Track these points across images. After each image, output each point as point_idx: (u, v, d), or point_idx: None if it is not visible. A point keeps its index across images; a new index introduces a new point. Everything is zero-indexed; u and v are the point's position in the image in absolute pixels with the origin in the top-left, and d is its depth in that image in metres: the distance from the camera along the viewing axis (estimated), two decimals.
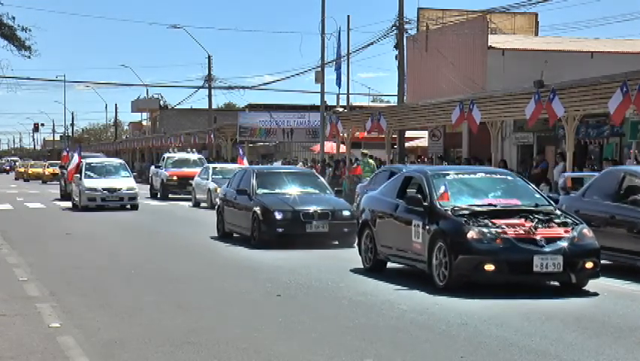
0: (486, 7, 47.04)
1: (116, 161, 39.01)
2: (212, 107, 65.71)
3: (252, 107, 71.89)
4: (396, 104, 41.84)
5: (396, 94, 40.90)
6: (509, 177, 15.20)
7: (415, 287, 13.54)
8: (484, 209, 13.57)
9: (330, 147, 48.07)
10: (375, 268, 15.56)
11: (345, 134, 41.09)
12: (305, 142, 57.54)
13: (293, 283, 14.38)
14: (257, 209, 20.12)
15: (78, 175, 34.64)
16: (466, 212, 13.48)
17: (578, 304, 12.35)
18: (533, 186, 15.33)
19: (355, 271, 15.75)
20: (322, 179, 23.34)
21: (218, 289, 13.88)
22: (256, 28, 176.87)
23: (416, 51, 40.92)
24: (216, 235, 22.69)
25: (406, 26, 39.52)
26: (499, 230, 12.98)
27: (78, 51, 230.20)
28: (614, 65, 28.99)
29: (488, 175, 15.23)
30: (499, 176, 15.29)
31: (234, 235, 22.03)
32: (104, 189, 33.44)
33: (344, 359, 9.04)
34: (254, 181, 21.29)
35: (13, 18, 37.21)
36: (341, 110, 48.63)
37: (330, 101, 56.37)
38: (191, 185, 39.60)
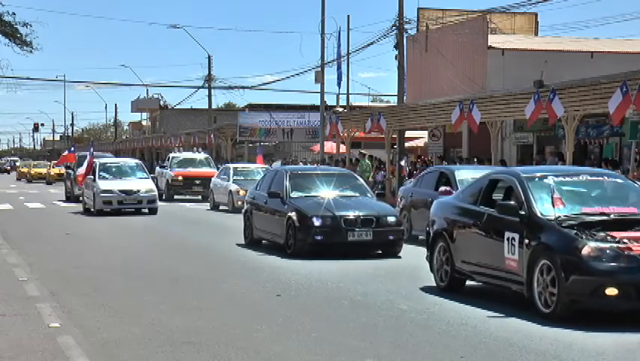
0: (486, 7, 47.07)
1: (132, 161, 36.30)
2: (212, 107, 65.67)
3: (252, 107, 71.85)
4: (396, 104, 41.84)
5: (396, 94, 40.92)
6: (619, 180, 12.90)
7: (512, 313, 11.35)
8: (597, 219, 11.31)
9: (330, 146, 48.07)
10: (451, 286, 13.30)
11: (345, 134, 41.10)
12: (305, 142, 57.53)
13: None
14: (292, 214, 18.20)
15: (91, 176, 31.98)
16: (575, 222, 11.20)
17: None
18: None
19: (427, 290, 13.57)
20: (362, 180, 21.18)
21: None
22: (256, 28, 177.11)
23: (416, 51, 40.93)
24: (243, 241, 20.69)
25: (406, 26, 39.50)
26: (622, 245, 10.69)
27: (78, 51, 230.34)
28: (614, 65, 28.99)
29: (594, 178, 12.69)
30: (606, 178, 12.82)
31: (263, 241, 20.14)
32: (120, 192, 30.83)
33: (344, 358, 9.06)
34: (287, 183, 19.32)
35: (14, 14, 37.04)
36: (341, 110, 48.63)
37: (330, 101, 56.44)
38: (197, 185, 39.21)
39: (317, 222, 17.85)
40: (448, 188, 19.76)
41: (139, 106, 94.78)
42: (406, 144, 41.68)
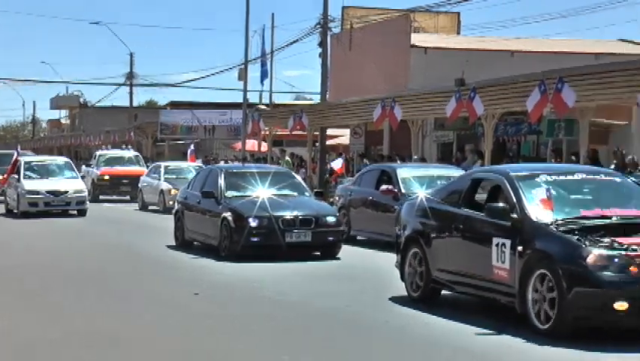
0: (409, 7, 47.23)
1: (61, 159, 34.05)
2: (134, 104, 65.07)
3: (174, 105, 71.21)
4: (318, 102, 41.79)
5: (319, 92, 40.87)
6: (617, 179, 11.68)
7: (502, 329, 10.15)
8: (598, 223, 10.15)
9: (251, 144, 47.87)
10: (425, 297, 12.01)
11: (267, 132, 40.93)
12: (227, 140, 57.25)
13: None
14: (227, 215, 17.45)
15: (15, 176, 30.10)
16: (575, 227, 9.99)
17: None
18: None
19: (398, 300, 12.32)
20: (299, 178, 20.60)
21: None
22: (179, 26, 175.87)
23: (340, 49, 40.89)
24: (174, 243, 19.89)
25: (330, 25, 39.56)
26: (632, 253, 9.46)
27: None
28: (533, 64, 29.20)
29: (590, 177, 11.46)
30: (604, 177, 11.62)
31: (195, 243, 19.40)
32: (47, 192, 29.00)
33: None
34: (222, 182, 18.51)
35: None
36: (264, 107, 48.45)
37: (253, 98, 56.15)
38: (124, 185, 37.79)
39: (253, 223, 17.09)
40: (390, 187, 19.62)
41: (58, 103, 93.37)
42: (328, 142, 41.63)
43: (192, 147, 40.23)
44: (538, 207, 10.27)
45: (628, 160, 21.47)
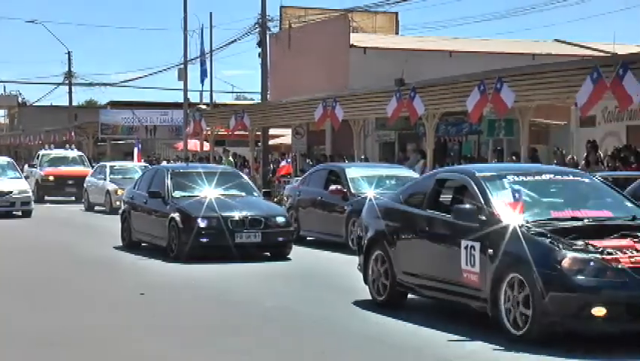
0: (347, 7, 47.47)
1: (2, 159, 32.66)
2: (73, 104, 64.49)
3: (114, 105, 70.71)
4: (260, 102, 41.86)
5: (260, 92, 40.95)
6: (586, 180, 11.26)
7: (475, 335, 9.69)
8: (570, 225, 9.81)
9: (193, 144, 47.77)
10: (391, 301, 11.57)
11: (209, 132, 40.91)
12: (168, 140, 57.04)
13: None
14: (175, 215, 17.19)
15: None
16: (546, 229, 9.65)
17: None
18: (617, 189, 11.46)
19: (360, 304, 11.89)
20: (247, 178, 20.44)
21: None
22: (117, 25, 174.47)
23: (279, 49, 41.01)
24: (121, 244, 19.57)
25: (269, 24, 39.62)
26: (607, 256, 9.15)
27: None
28: (472, 64, 29.62)
29: (559, 177, 11.18)
30: (572, 178, 11.25)
31: (143, 244, 19.10)
32: None
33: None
34: (169, 182, 18.28)
35: None
36: (204, 107, 48.39)
37: (194, 98, 56.00)
38: (69, 185, 36.94)
39: (202, 224, 16.89)
40: (339, 187, 19.55)
41: None
42: (270, 142, 41.72)
43: (139, 145, 39.05)
44: (507, 209, 9.88)
45: (568, 160, 21.89)
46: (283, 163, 33.85)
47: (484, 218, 10.05)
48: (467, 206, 10.35)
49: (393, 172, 20.82)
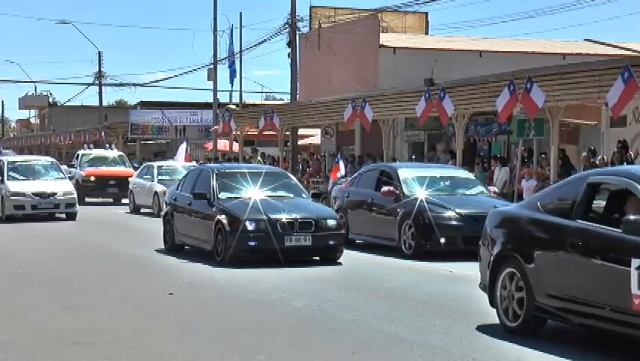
0: (377, 6, 47.44)
1: (46, 159, 31.90)
2: (103, 104, 64.87)
3: (144, 105, 71.10)
4: (289, 102, 41.93)
5: (289, 92, 41.02)
6: None
7: None
8: None
9: (223, 144, 47.93)
10: (524, 329, 9.78)
11: (238, 132, 41.02)
12: (198, 140, 57.26)
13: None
14: (222, 218, 16.47)
15: None
16: None
17: None
18: None
19: (486, 331, 10.13)
20: (295, 179, 19.62)
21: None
22: (148, 25, 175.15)
23: (309, 49, 41.05)
24: (163, 247, 18.98)
25: (299, 24, 39.71)
26: None
27: None
28: (501, 64, 29.53)
29: None
30: None
31: (186, 247, 18.41)
32: (34, 195, 27.24)
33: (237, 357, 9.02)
34: (214, 183, 17.59)
35: None
36: (234, 107, 48.53)
37: (223, 98, 56.20)
38: (111, 185, 36.44)
39: (250, 227, 16.17)
40: (391, 188, 18.78)
41: (27, 103, 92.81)
42: (299, 142, 41.79)
43: (185, 144, 37.21)
44: None
45: (598, 160, 21.72)
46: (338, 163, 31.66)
47: None
48: None
49: (448, 173, 20.17)
